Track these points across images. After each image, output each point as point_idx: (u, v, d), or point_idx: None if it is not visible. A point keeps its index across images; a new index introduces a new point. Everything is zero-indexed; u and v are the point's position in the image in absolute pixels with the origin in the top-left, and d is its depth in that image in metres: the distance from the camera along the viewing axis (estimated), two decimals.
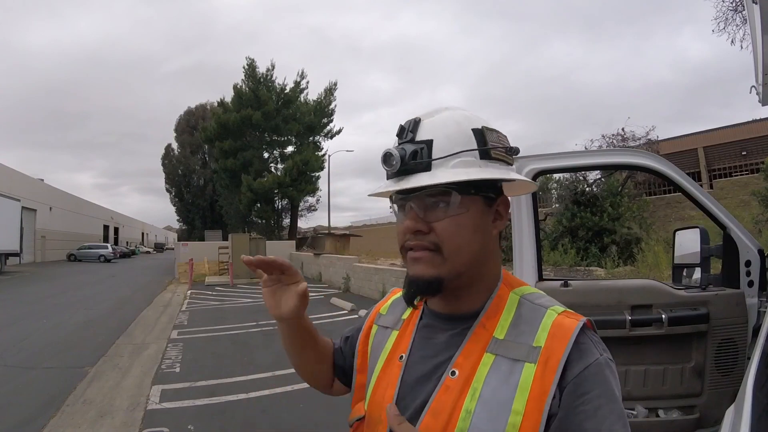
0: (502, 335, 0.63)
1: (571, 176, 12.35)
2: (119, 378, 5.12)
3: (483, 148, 0.65)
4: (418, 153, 0.63)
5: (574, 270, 9.46)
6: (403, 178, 0.64)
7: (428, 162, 0.63)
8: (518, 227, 2.24)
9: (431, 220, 0.64)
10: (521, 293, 0.69)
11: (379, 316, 0.83)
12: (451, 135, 0.64)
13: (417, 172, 0.63)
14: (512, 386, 0.59)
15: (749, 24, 2.10)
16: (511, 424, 0.57)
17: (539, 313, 0.65)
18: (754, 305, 2.03)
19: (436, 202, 0.64)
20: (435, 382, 0.65)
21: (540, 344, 0.61)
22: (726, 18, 10.14)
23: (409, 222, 0.64)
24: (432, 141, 0.64)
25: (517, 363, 0.60)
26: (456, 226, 0.63)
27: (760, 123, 16.80)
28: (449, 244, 0.63)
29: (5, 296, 12.53)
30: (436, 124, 0.65)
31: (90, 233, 42.04)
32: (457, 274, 0.64)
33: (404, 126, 0.66)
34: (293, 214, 29.89)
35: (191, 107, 43.36)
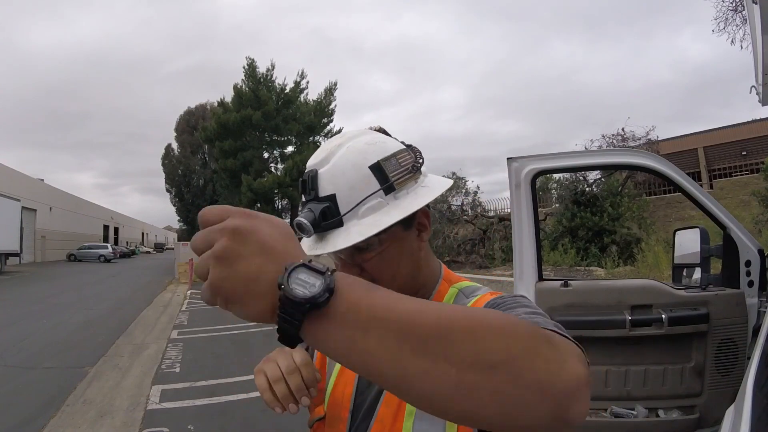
0: None
1: (571, 176, 12.35)
2: (119, 378, 5.12)
3: (385, 186, 0.64)
4: (326, 212, 0.64)
5: (574, 270, 9.47)
6: (323, 236, 0.65)
7: (339, 219, 0.64)
8: (518, 227, 2.24)
9: (360, 263, 0.67)
10: (459, 287, 0.73)
11: None
12: (352, 182, 0.64)
13: (332, 229, 0.65)
14: None
15: (749, 24, 2.10)
16: None
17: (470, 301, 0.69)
18: (754, 305, 2.03)
19: (360, 248, 0.66)
20: None
21: None
22: (726, 18, 10.16)
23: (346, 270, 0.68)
24: (335, 195, 0.64)
25: None
26: (384, 261, 0.67)
27: (760, 123, 16.79)
28: (383, 276, 0.67)
29: (5, 296, 12.53)
30: (335, 173, 0.64)
31: (90, 233, 42.03)
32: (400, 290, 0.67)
33: (305, 180, 0.66)
34: (293, 214, 29.88)
35: (191, 107, 43.43)
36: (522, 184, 2.22)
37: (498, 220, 13.76)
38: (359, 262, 0.67)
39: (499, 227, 13.38)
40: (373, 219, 0.63)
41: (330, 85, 29.18)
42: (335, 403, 0.75)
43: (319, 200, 0.64)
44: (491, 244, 13.23)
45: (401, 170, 0.66)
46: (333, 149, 0.66)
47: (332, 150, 0.66)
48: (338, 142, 0.68)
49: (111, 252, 34.40)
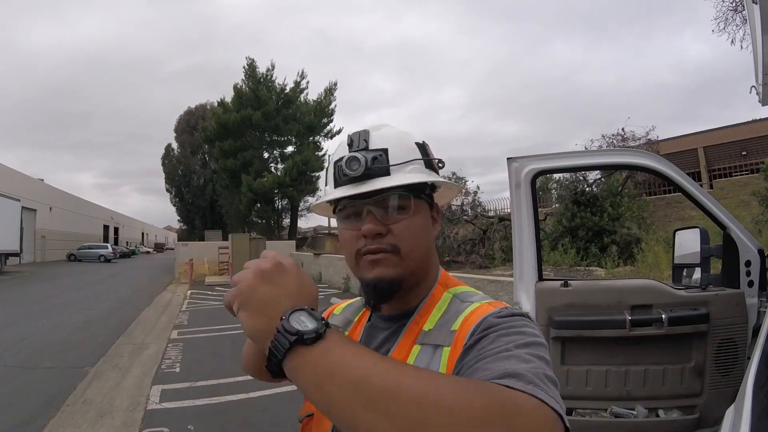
0: (430, 327, 0.68)
1: (571, 176, 12.34)
2: (119, 378, 5.12)
3: (427, 159, 0.72)
4: (377, 159, 0.67)
5: (574, 270, 9.46)
6: (365, 182, 0.67)
7: (387, 167, 0.68)
8: (518, 227, 2.24)
9: (389, 223, 0.67)
10: (455, 292, 0.73)
11: (333, 316, 0.86)
12: (403, 145, 0.71)
13: (376, 177, 0.67)
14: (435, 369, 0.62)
15: (749, 24, 2.10)
16: None
17: (465, 307, 0.68)
18: (754, 305, 2.03)
19: (394, 206, 0.68)
20: None
21: (455, 328, 0.64)
22: (726, 18, 10.16)
23: (371, 225, 0.67)
24: (387, 150, 0.68)
25: (438, 349, 0.64)
26: (412, 227, 0.68)
27: (760, 123, 16.79)
28: (406, 244, 0.67)
29: (5, 296, 12.53)
30: (385, 136, 0.71)
31: (90, 233, 42.02)
32: (412, 272, 0.69)
33: (353, 137, 0.70)
34: (293, 214, 29.88)
35: (191, 107, 43.32)
36: (522, 184, 2.22)
37: (498, 220, 13.75)
38: (390, 221, 0.67)
39: (499, 227, 13.38)
40: (418, 175, 0.69)
41: (330, 85, 29.21)
42: None
43: (369, 151, 0.68)
44: (491, 244, 13.22)
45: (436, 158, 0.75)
46: (382, 125, 0.73)
47: (381, 125, 0.73)
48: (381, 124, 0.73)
49: (111, 252, 34.38)
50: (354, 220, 0.70)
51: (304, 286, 0.54)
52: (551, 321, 2.13)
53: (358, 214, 0.69)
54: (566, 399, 2.12)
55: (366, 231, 0.67)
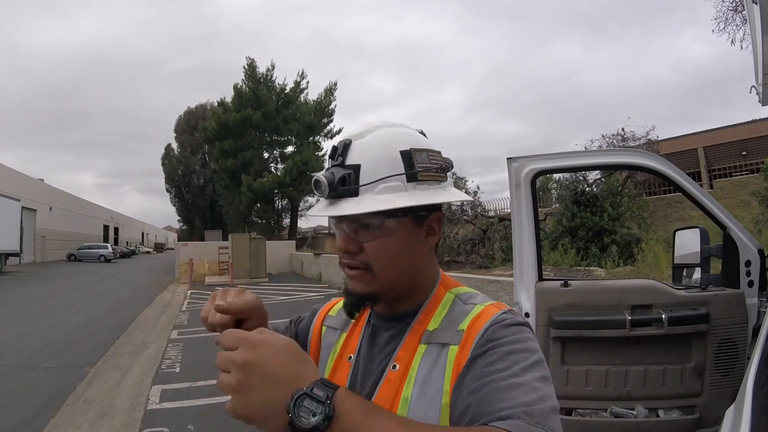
0: (436, 326, 0.68)
1: (571, 176, 12.34)
2: (119, 378, 5.12)
3: (410, 172, 0.66)
4: (346, 179, 0.65)
5: (574, 270, 9.46)
6: (335, 202, 0.66)
7: (355, 188, 0.65)
8: (518, 227, 2.24)
9: (362, 241, 0.67)
10: (456, 293, 0.73)
11: (328, 317, 0.86)
12: (378, 159, 0.66)
13: (346, 197, 0.66)
14: (441, 370, 0.63)
15: (749, 24, 2.10)
16: (444, 404, 0.61)
17: (469, 308, 0.69)
18: (754, 305, 2.03)
19: (366, 225, 0.66)
20: (377, 377, 0.70)
21: (463, 328, 0.65)
22: (726, 18, 10.15)
23: (341, 242, 0.68)
24: (359, 166, 0.65)
25: (444, 347, 0.65)
26: (383, 247, 0.67)
27: (760, 123, 16.78)
28: (378, 263, 0.67)
29: (5, 296, 12.53)
30: (365, 147, 0.67)
31: (90, 233, 42.02)
32: (389, 288, 0.69)
33: (336, 147, 0.68)
34: (293, 214, 29.88)
35: (191, 107, 43.35)
36: (522, 184, 2.22)
37: (498, 220, 13.75)
38: (361, 240, 0.67)
39: (499, 227, 13.38)
40: (386, 197, 0.65)
41: (330, 85, 29.20)
42: None
43: (343, 167, 0.66)
44: (491, 244, 13.22)
45: (429, 165, 0.68)
46: (372, 128, 0.69)
47: (371, 128, 0.69)
48: (379, 123, 0.70)
49: (111, 252, 34.38)
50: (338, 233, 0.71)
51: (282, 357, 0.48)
52: (551, 321, 2.13)
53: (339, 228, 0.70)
54: (566, 399, 2.12)
55: (339, 247, 0.69)
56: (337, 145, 0.68)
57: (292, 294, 12.97)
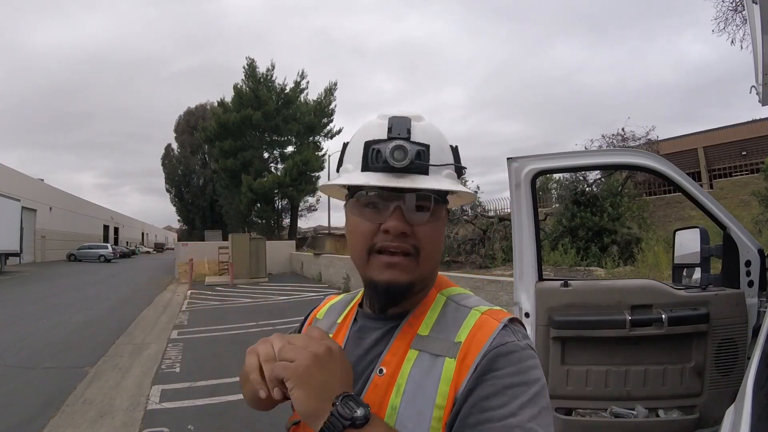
0: (426, 332, 0.66)
1: (571, 176, 12.34)
2: (119, 378, 5.12)
3: (458, 165, 0.70)
4: (420, 154, 0.63)
5: (574, 270, 9.46)
6: (404, 176, 0.63)
7: (427, 166, 0.64)
8: (518, 227, 2.24)
9: (413, 224, 0.64)
10: (448, 294, 0.71)
11: (316, 320, 0.83)
12: (442, 145, 0.68)
13: (415, 174, 0.63)
14: (434, 381, 0.61)
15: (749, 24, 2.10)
16: (435, 417, 0.59)
17: (463, 313, 0.66)
18: (754, 305, 2.03)
19: (423, 207, 0.64)
20: (364, 381, 0.66)
21: (461, 340, 0.62)
22: (726, 18, 10.15)
23: (398, 222, 0.63)
24: (429, 146, 0.65)
25: (438, 358, 0.62)
26: (434, 232, 0.66)
27: (760, 123, 16.78)
28: (426, 248, 0.65)
29: (5, 296, 12.53)
30: (428, 130, 0.67)
31: (90, 233, 42.02)
32: (422, 279, 0.67)
33: (393, 122, 0.65)
34: (293, 214, 29.87)
35: (191, 107, 43.35)
36: (522, 184, 2.22)
37: (498, 220, 13.75)
38: (415, 222, 0.64)
39: (499, 227, 13.37)
40: (452, 182, 0.67)
41: (330, 85, 29.20)
42: None
43: (413, 143, 0.64)
44: (491, 244, 13.22)
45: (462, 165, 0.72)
46: (418, 115, 0.69)
47: (418, 115, 0.68)
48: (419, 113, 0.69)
49: (111, 252, 34.38)
50: (374, 211, 0.65)
51: (347, 370, 0.60)
52: (551, 321, 2.13)
53: (381, 206, 0.64)
54: (566, 399, 2.12)
55: (391, 227, 0.63)
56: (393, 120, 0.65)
57: (292, 294, 12.97)
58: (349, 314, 0.78)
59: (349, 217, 0.68)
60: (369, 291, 0.69)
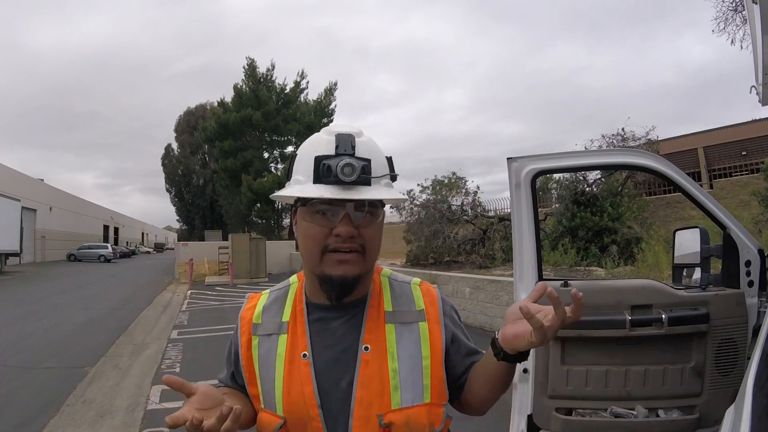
0: (390, 308, 0.82)
1: (571, 176, 12.33)
2: (119, 378, 5.12)
3: (393, 174, 0.81)
4: (364, 169, 0.74)
5: (574, 270, 9.46)
6: (352, 188, 0.73)
7: (370, 178, 0.75)
8: (518, 227, 2.24)
9: (361, 226, 0.75)
10: (386, 275, 0.89)
11: (255, 326, 0.86)
12: (380, 158, 0.79)
13: (360, 185, 0.74)
14: (416, 341, 0.80)
15: (749, 24, 2.10)
16: (425, 366, 0.79)
17: (407, 288, 0.87)
18: (754, 305, 2.03)
19: (370, 212, 0.76)
20: (350, 362, 0.78)
21: (422, 308, 0.84)
22: (726, 18, 10.16)
23: (348, 227, 0.74)
24: (371, 160, 0.76)
25: (412, 324, 0.82)
26: (377, 232, 0.78)
27: (760, 123, 16.79)
28: (371, 246, 0.77)
29: (5, 296, 12.53)
30: (368, 145, 0.78)
31: (90, 233, 42.02)
32: (368, 271, 0.80)
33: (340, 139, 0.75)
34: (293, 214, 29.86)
35: (191, 107, 43.38)
36: (522, 184, 2.22)
37: (498, 220, 13.75)
38: (362, 224, 0.75)
39: (499, 227, 13.37)
40: (391, 190, 0.80)
41: (330, 85, 29.19)
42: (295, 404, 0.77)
43: (357, 158, 0.74)
44: (491, 244, 13.21)
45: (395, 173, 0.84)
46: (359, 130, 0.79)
47: (359, 131, 0.79)
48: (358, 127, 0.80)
49: (111, 252, 34.39)
50: (324, 218, 0.75)
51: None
52: None
53: (329, 213, 0.75)
54: (566, 399, 2.12)
55: (342, 232, 0.74)
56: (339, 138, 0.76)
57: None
58: (296, 311, 0.84)
59: (300, 221, 0.78)
60: (324, 284, 0.78)
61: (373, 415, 0.74)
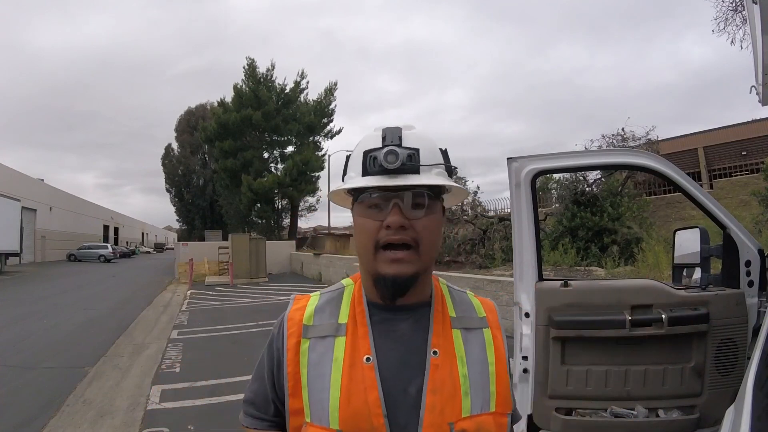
0: (454, 314, 0.80)
1: (571, 176, 12.33)
2: (119, 378, 5.12)
3: (448, 165, 0.78)
4: (411, 156, 0.72)
5: (574, 270, 9.46)
6: (397, 176, 0.71)
7: (418, 166, 0.73)
8: (518, 227, 2.24)
9: (411, 218, 0.72)
10: (444, 283, 0.86)
11: (306, 328, 0.78)
12: (432, 148, 0.77)
13: (408, 174, 0.72)
14: (482, 346, 0.78)
15: (749, 24, 2.10)
16: (491, 372, 0.77)
17: (465, 296, 0.85)
18: (754, 305, 2.03)
19: (419, 203, 0.73)
20: (419, 366, 0.73)
21: (483, 315, 0.83)
22: (726, 18, 10.16)
23: (397, 217, 0.71)
24: (419, 150, 0.73)
25: (476, 330, 0.80)
26: (431, 225, 0.74)
27: (760, 123, 16.78)
28: (425, 240, 0.73)
29: (5, 296, 12.53)
30: (417, 136, 0.76)
31: (90, 233, 42.01)
32: (426, 268, 0.76)
33: (387, 132, 0.74)
34: (293, 214, 29.85)
35: (191, 107, 43.36)
36: (522, 184, 2.22)
37: (498, 220, 13.75)
38: (414, 217, 0.72)
39: (499, 227, 13.38)
40: (443, 178, 0.76)
41: (330, 85, 29.16)
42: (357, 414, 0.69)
43: (401, 147, 0.72)
44: (491, 244, 13.22)
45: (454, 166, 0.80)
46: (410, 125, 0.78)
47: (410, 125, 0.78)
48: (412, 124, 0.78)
49: (111, 252, 34.37)
50: (376, 211, 0.73)
51: None
52: (551, 321, 2.13)
53: (382, 206, 0.72)
54: (566, 399, 2.12)
55: (391, 222, 0.70)
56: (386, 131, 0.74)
57: (292, 294, 12.93)
58: (355, 312, 0.77)
59: (356, 219, 0.76)
60: (378, 284, 0.75)
61: (444, 422, 0.70)
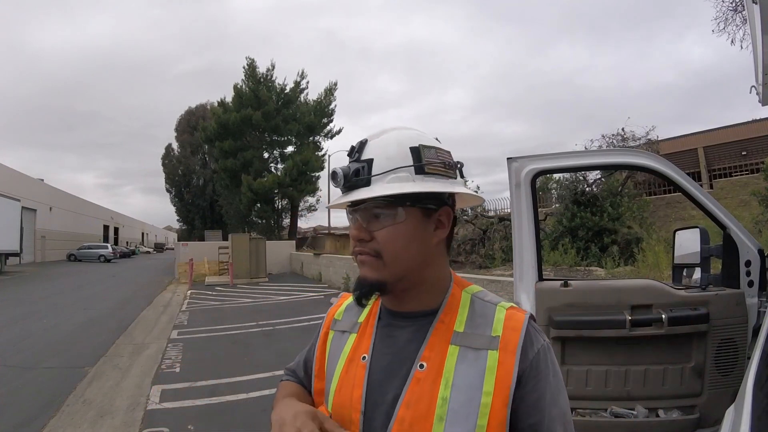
0: (462, 328, 0.72)
1: (571, 176, 12.33)
2: (119, 378, 5.12)
3: (417, 165, 0.71)
4: (359, 170, 0.71)
5: (574, 270, 9.46)
6: (349, 192, 0.73)
7: (368, 178, 0.71)
8: (518, 227, 2.24)
9: (373, 230, 0.71)
10: (471, 292, 0.77)
11: (335, 321, 0.86)
12: (391, 154, 0.72)
13: (358, 188, 0.71)
14: (480, 372, 0.68)
15: (749, 24, 2.10)
16: (483, 404, 0.66)
17: (491, 309, 0.74)
18: (754, 305, 2.03)
19: (378, 214, 0.71)
20: (403, 376, 0.71)
21: (498, 334, 0.71)
22: (726, 18, 10.15)
23: (354, 231, 0.73)
24: (372, 160, 0.71)
25: (480, 351, 0.69)
26: (393, 235, 0.71)
27: (760, 123, 16.78)
28: (388, 250, 0.71)
29: (5, 296, 12.53)
30: (379, 144, 0.73)
31: (90, 233, 42.01)
32: (399, 278, 0.72)
33: (354, 146, 0.75)
34: (293, 214, 29.85)
35: (191, 107, 43.34)
36: (522, 184, 2.22)
37: (498, 220, 13.75)
38: (373, 229, 0.71)
39: (499, 227, 13.37)
40: (395, 185, 0.70)
41: (330, 85, 29.14)
42: (342, 405, 0.75)
43: (358, 162, 0.72)
44: (491, 244, 13.22)
45: (436, 160, 0.73)
46: (388, 129, 0.76)
47: (387, 129, 0.76)
48: (395, 126, 0.77)
49: (111, 252, 34.36)
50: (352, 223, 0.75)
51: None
52: (551, 321, 2.13)
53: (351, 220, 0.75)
54: None
55: (351, 236, 0.74)
56: (354, 144, 0.75)
57: (292, 294, 12.97)
58: (371, 313, 0.81)
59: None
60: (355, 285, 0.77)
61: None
